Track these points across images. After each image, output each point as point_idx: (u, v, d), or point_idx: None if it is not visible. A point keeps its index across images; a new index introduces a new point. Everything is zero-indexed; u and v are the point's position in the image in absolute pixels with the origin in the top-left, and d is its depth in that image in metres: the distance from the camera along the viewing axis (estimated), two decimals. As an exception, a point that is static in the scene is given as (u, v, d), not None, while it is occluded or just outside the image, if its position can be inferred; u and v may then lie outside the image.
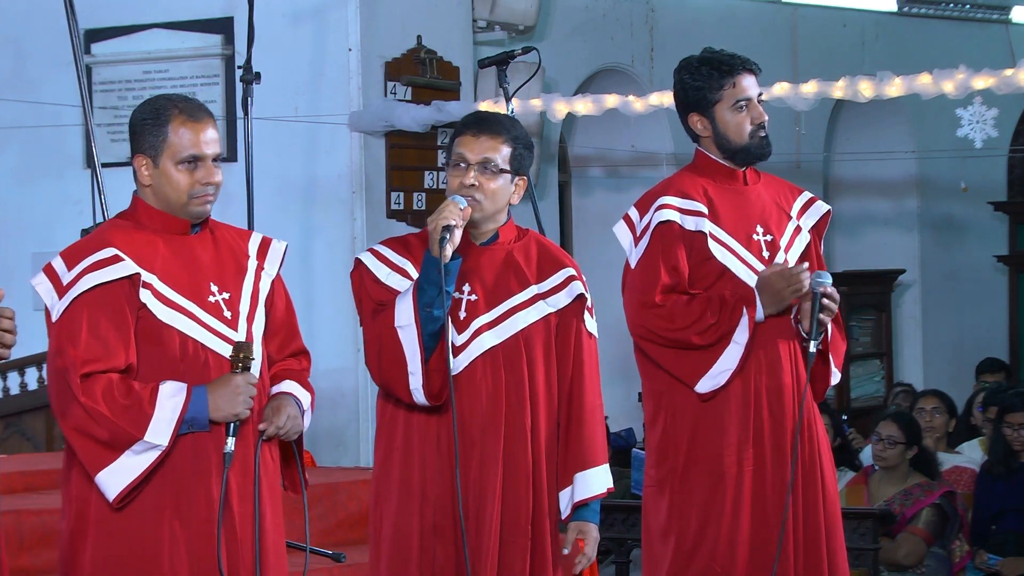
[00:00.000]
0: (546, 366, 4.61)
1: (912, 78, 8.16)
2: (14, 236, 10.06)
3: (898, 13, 13.27)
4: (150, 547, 4.20)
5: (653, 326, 5.03)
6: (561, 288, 4.66)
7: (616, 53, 11.47)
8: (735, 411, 5.01)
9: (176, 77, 9.65)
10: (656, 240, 5.08)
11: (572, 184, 12.06)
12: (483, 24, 10.23)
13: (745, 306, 4.96)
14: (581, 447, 4.64)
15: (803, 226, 5.18)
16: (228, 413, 4.21)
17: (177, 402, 4.15)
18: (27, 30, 9.92)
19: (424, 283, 4.44)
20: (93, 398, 4.11)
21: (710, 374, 4.99)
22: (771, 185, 5.24)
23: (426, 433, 4.55)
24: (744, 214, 5.11)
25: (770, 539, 4.95)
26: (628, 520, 7.21)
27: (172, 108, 4.29)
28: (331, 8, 9.40)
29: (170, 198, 4.30)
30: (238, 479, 4.26)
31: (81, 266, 4.21)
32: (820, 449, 5.07)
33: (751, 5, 12.24)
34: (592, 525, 4.68)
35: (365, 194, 9.35)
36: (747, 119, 5.09)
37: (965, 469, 8.10)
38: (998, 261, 13.99)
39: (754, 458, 4.99)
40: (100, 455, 4.14)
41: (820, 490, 5.04)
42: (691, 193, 5.09)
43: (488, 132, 4.61)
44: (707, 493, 5.02)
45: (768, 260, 5.08)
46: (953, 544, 7.52)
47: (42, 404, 8.96)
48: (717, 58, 5.11)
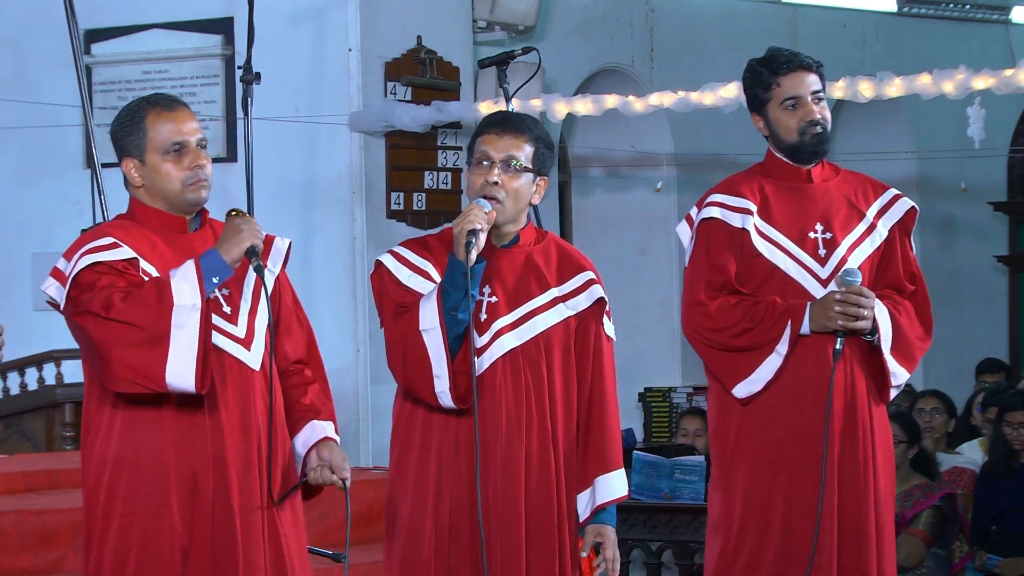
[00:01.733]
0: (564, 368, 4.61)
1: (912, 78, 8.17)
2: (14, 236, 10.07)
3: (898, 13, 13.27)
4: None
5: (696, 325, 5.02)
6: (581, 291, 4.66)
7: (616, 53, 11.47)
8: (781, 409, 4.97)
9: (176, 77, 9.65)
10: (701, 238, 5.07)
11: (572, 184, 12.06)
12: (483, 24, 10.24)
13: (791, 318, 4.93)
14: (602, 450, 4.65)
15: (881, 225, 5.11)
16: (239, 248, 4.22)
17: (187, 266, 4.16)
18: (27, 30, 9.92)
19: (449, 286, 4.44)
20: (114, 308, 4.09)
21: (747, 380, 4.97)
22: (849, 182, 5.20)
23: (445, 433, 4.54)
24: (803, 211, 5.06)
25: (811, 540, 4.92)
26: (628, 520, 7.21)
27: (146, 105, 4.34)
28: (331, 8, 9.40)
29: (165, 191, 4.31)
30: (240, 473, 4.27)
31: (79, 252, 4.23)
32: (875, 451, 4.99)
33: (751, 5, 12.24)
34: (611, 528, 4.69)
35: (365, 194, 9.36)
36: (795, 117, 5.07)
37: (965, 470, 8.09)
38: (998, 261, 14.00)
39: (799, 458, 4.95)
40: (153, 356, 4.09)
41: (872, 493, 4.96)
42: (742, 190, 5.08)
43: (512, 131, 4.59)
44: (750, 492, 5.01)
45: (824, 258, 5.02)
46: (953, 545, 7.51)
47: (42, 404, 8.96)
48: (769, 57, 5.11)
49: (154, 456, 4.23)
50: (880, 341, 4.95)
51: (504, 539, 4.50)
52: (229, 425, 4.28)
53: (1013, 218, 14.08)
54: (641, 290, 11.58)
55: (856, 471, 4.97)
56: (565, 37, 10.98)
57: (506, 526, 4.51)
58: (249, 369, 4.33)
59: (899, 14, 13.28)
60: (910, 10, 13.31)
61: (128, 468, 4.24)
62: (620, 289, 12.28)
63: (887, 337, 4.96)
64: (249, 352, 4.34)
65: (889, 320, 4.97)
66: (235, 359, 4.31)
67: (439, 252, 4.57)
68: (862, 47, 12.89)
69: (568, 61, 10.87)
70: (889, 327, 4.97)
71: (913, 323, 5.06)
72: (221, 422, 4.27)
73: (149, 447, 4.23)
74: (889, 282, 5.09)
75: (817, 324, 4.92)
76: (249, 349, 4.34)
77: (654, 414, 11.10)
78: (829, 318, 4.90)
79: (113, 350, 4.10)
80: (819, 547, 4.90)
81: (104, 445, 4.26)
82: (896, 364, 5.01)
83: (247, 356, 4.33)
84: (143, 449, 4.23)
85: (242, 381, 4.32)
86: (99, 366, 4.16)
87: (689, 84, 8.88)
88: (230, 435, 4.28)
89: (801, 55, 5.12)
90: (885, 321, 4.96)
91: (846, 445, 4.97)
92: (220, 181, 8.78)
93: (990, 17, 13.71)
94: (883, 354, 4.97)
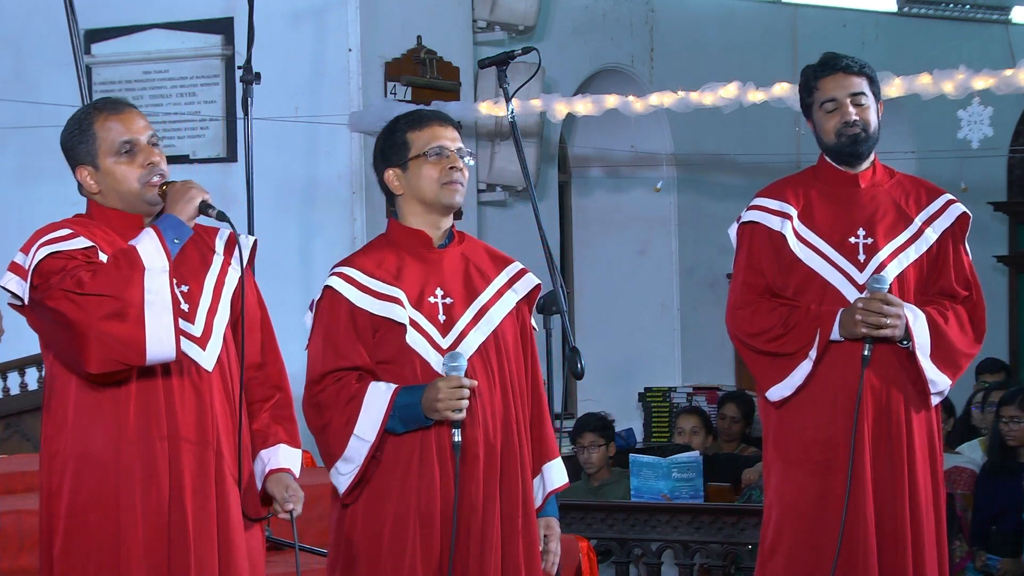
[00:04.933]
0: (517, 358, 4.65)
1: (912, 78, 8.17)
2: (14, 236, 9.97)
3: (898, 13, 13.28)
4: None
5: (735, 327, 5.10)
6: (518, 278, 4.69)
7: (616, 53, 11.48)
8: (814, 413, 5.00)
9: (176, 77, 9.65)
10: (744, 241, 5.12)
11: (572, 184, 12.06)
12: (483, 24, 10.24)
13: (821, 325, 4.95)
14: (544, 438, 4.68)
15: (930, 231, 5.11)
16: (191, 205, 4.18)
17: (147, 232, 4.11)
18: (27, 30, 9.92)
19: (400, 421, 4.44)
20: (85, 284, 4.04)
21: (780, 384, 5.03)
22: (903, 186, 5.20)
23: (426, 433, 4.53)
24: (847, 216, 5.08)
25: (847, 540, 4.93)
26: (628, 520, 7.22)
27: (92, 111, 4.31)
28: (331, 8, 9.40)
29: (123, 193, 4.28)
30: (195, 478, 4.22)
31: (36, 244, 4.20)
32: (912, 458, 4.99)
33: (751, 5, 12.24)
34: (556, 520, 4.72)
35: (365, 194, 9.36)
36: (832, 119, 5.08)
37: (965, 469, 8.09)
38: (998, 261, 13.99)
39: (832, 461, 4.97)
40: (132, 328, 4.02)
41: (907, 499, 4.97)
42: (785, 194, 5.11)
43: (452, 124, 4.68)
44: (783, 492, 5.05)
45: (863, 264, 5.03)
46: (953, 544, 7.51)
47: (42, 404, 8.95)
48: (819, 62, 5.15)
49: (114, 454, 4.17)
50: (915, 348, 4.96)
51: (483, 537, 4.50)
52: (185, 424, 4.22)
53: (1013, 218, 14.08)
54: (641, 290, 11.57)
55: (891, 478, 4.98)
56: (565, 37, 10.98)
57: (486, 524, 4.50)
58: (203, 369, 4.26)
59: (899, 14, 13.28)
60: (910, 10, 13.31)
61: (88, 465, 4.19)
62: (620, 289, 12.27)
63: (924, 344, 4.97)
64: (204, 352, 4.27)
65: (927, 327, 4.98)
66: (189, 359, 4.24)
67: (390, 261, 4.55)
68: (862, 47, 12.88)
69: (568, 61, 10.88)
70: (927, 334, 4.98)
71: (962, 330, 5.07)
72: (177, 422, 4.21)
73: (110, 444, 4.18)
74: (941, 289, 5.11)
75: (846, 331, 4.96)
76: (204, 348, 4.27)
77: (654, 414, 11.09)
78: (855, 324, 4.92)
79: (91, 326, 4.03)
80: (859, 553, 4.91)
81: (66, 442, 4.22)
82: (936, 371, 5.02)
83: (201, 356, 4.26)
84: (104, 447, 4.18)
85: (196, 382, 4.25)
86: (75, 350, 4.08)
87: (689, 84, 8.88)
88: (185, 438, 4.21)
89: (845, 57, 5.14)
90: (922, 328, 4.97)
91: (880, 451, 4.99)
92: (220, 181, 8.83)
93: (990, 17, 13.72)
94: (918, 361, 4.98)
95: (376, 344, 4.51)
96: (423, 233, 4.60)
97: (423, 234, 4.60)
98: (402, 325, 4.50)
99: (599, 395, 10.94)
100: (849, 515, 4.91)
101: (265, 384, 4.43)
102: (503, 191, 10.39)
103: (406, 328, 4.49)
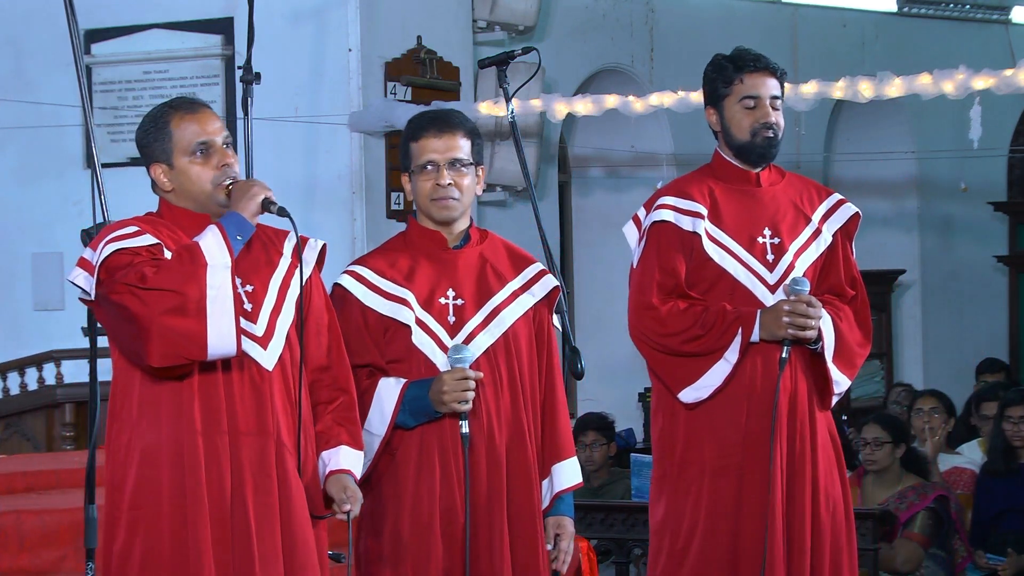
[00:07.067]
0: (530, 360, 4.66)
1: (912, 78, 8.17)
2: (14, 236, 10.07)
3: (898, 13, 13.28)
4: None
5: (645, 329, 5.02)
6: (536, 280, 4.70)
7: (616, 53, 11.48)
8: (728, 414, 4.99)
9: (176, 77, 9.66)
10: (652, 240, 5.07)
11: (572, 184, 12.07)
12: (483, 24, 10.25)
13: (742, 325, 4.93)
14: (557, 438, 4.69)
15: (825, 230, 5.10)
16: (254, 202, 4.24)
17: (210, 229, 4.15)
18: (27, 30, 9.93)
19: (410, 413, 4.50)
20: (149, 279, 4.05)
21: (695, 386, 4.98)
22: (794, 186, 5.19)
23: (429, 433, 4.54)
24: (751, 216, 5.07)
25: (760, 541, 4.94)
26: (628, 520, 7.22)
27: (168, 109, 4.33)
28: (331, 8, 9.41)
29: (195, 193, 4.31)
30: (255, 472, 4.24)
31: (104, 240, 4.20)
32: (815, 456, 5.00)
33: (751, 5, 12.25)
34: (569, 520, 4.71)
35: (365, 194, 9.37)
36: (750, 116, 5.06)
37: (965, 470, 8.08)
38: (998, 261, 14.00)
39: (746, 461, 4.97)
40: (194, 322, 4.05)
41: (808, 495, 4.97)
42: (692, 193, 5.07)
43: (448, 130, 4.63)
44: (699, 494, 5.02)
45: (772, 264, 5.03)
46: (955, 544, 7.51)
47: (42, 404, 8.96)
48: (737, 54, 5.11)
49: (177, 447, 4.19)
50: (823, 349, 4.97)
51: (491, 534, 4.52)
52: (245, 420, 4.23)
53: (1013, 218, 14.08)
54: (641, 290, 11.58)
55: (798, 475, 4.98)
56: (565, 37, 10.99)
57: (492, 521, 4.52)
58: (263, 369, 4.28)
59: (899, 14, 13.29)
60: (910, 10, 13.32)
61: (152, 459, 4.20)
62: (620, 289, 12.26)
63: (830, 345, 4.98)
64: (265, 351, 4.28)
65: (832, 328, 4.99)
66: (250, 358, 4.25)
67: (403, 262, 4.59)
68: (862, 47, 12.89)
69: (568, 61, 10.88)
70: (832, 335, 4.99)
71: (853, 330, 5.08)
72: (237, 418, 4.23)
73: (174, 439, 4.19)
74: (831, 287, 5.10)
75: (767, 332, 4.93)
76: (265, 348, 4.28)
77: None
78: (779, 327, 4.91)
79: (153, 320, 4.04)
80: (774, 553, 4.90)
81: (130, 436, 4.23)
82: (838, 372, 5.03)
83: (262, 355, 4.27)
84: (168, 441, 4.19)
85: (257, 380, 4.27)
86: (138, 343, 4.09)
87: (689, 84, 8.88)
88: (246, 433, 4.23)
89: (768, 59, 5.11)
90: (829, 329, 4.98)
91: (792, 451, 4.99)
92: (220, 181, 8.80)
93: (990, 17, 13.73)
94: (826, 362, 4.99)
95: (386, 343, 4.56)
96: (438, 234, 4.63)
97: (438, 235, 4.63)
98: (408, 326, 4.53)
99: (599, 395, 10.94)
100: (764, 515, 4.92)
101: (330, 386, 4.44)
102: (503, 191, 10.40)
103: (412, 329, 4.52)
